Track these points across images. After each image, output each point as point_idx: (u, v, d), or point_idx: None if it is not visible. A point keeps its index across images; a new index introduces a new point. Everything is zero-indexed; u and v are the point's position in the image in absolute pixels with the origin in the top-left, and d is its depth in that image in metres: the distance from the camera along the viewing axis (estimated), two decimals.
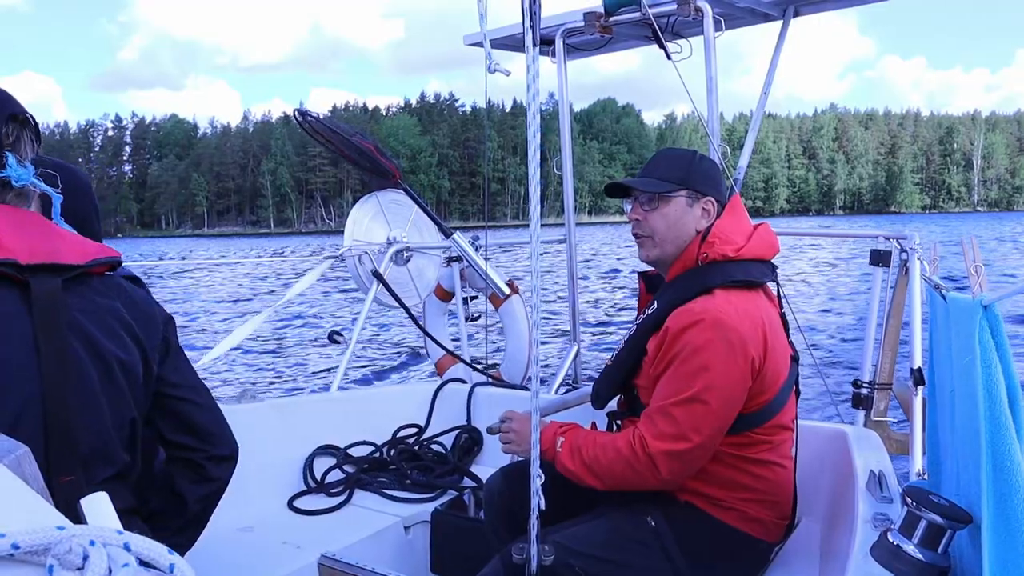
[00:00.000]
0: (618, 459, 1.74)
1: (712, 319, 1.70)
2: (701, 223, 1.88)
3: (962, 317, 1.13)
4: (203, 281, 24.90)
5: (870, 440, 2.19)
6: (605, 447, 1.77)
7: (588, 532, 1.81)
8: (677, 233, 1.88)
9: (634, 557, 1.77)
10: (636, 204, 1.92)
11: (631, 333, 1.91)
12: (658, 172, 1.90)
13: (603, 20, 3.11)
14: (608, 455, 1.76)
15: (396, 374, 9.20)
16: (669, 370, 1.73)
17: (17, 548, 0.59)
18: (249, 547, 2.26)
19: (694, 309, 1.74)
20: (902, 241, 2.77)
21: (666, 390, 1.72)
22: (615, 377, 1.93)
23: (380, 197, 3.91)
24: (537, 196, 1.41)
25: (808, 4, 3.17)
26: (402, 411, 3.05)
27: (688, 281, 1.83)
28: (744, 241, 1.85)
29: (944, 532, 1.13)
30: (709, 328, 1.70)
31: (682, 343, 1.71)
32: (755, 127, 3.49)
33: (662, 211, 1.87)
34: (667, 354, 1.74)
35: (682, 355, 1.71)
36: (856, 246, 21.74)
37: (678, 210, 1.87)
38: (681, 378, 1.70)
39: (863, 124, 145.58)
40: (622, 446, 1.74)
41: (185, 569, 0.63)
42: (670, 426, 1.69)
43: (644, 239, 1.92)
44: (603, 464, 1.76)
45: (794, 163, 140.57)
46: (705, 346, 1.69)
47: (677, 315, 1.76)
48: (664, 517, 1.80)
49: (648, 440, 1.70)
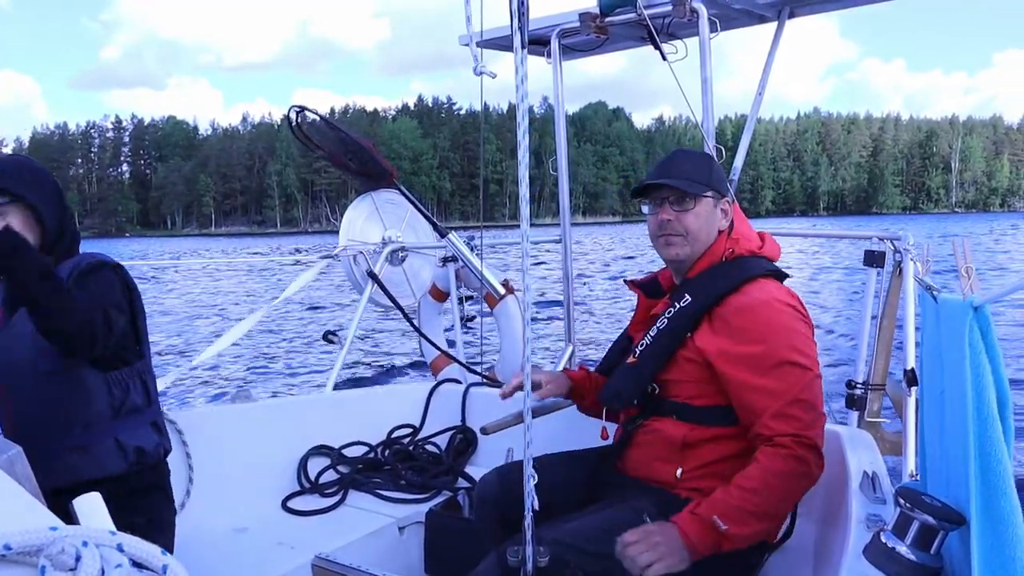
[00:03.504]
0: (784, 480, 1.65)
1: (784, 302, 1.79)
2: (722, 223, 1.94)
3: (952, 318, 1.13)
4: (202, 281, 24.84)
5: (863, 441, 2.20)
6: (765, 482, 1.64)
7: (583, 527, 1.78)
8: (707, 232, 1.92)
9: None
10: (666, 205, 1.91)
11: (660, 329, 1.88)
12: (684, 173, 1.91)
13: (599, 21, 3.11)
14: (772, 486, 1.64)
15: (391, 374, 9.19)
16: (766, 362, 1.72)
17: (9, 549, 0.59)
18: (243, 548, 2.26)
19: (754, 294, 1.80)
20: (896, 242, 2.77)
21: (783, 384, 1.71)
22: (643, 373, 1.89)
23: (375, 197, 3.90)
24: (527, 196, 1.41)
25: (803, 5, 3.18)
26: (397, 411, 3.05)
27: (725, 271, 1.87)
28: (760, 242, 1.95)
29: (937, 533, 1.13)
30: (785, 310, 1.78)
31: (766, 327, 1.74)
32: (749, 128, 3.49)
33: (695, 211, 1.90)
34: (746, 343, 1.74)
35: (773, 342, 1.73)
36: (844, 247, 21.80)
37: (707, 210, 1.91)
38: (787, 364, 1.72)
39: (846, 128, 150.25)
40: (781, 466, 1.65)
41: (178, 570, 0.63)
42: (808, 412, 1.71)
43: (675, 238, 1.91)
44: (774, 500, 1.65)
45: (779, 165, 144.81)
46: (789, 328, 1.75)
47: (744, 303, 1.78)
48: (660, 513, 1.77)
49: (803, 435, 1.68)
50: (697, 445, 1.82)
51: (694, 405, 1.84)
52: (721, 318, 1.80)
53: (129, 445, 1.90)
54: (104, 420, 1.84)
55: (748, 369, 1.73)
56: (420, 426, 3.02)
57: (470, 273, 3.88)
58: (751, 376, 1.73)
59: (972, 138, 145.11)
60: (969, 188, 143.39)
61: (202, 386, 8.49)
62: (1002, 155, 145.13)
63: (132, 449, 1.91)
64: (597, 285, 19.29)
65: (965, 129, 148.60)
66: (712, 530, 1.59)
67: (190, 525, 2.13)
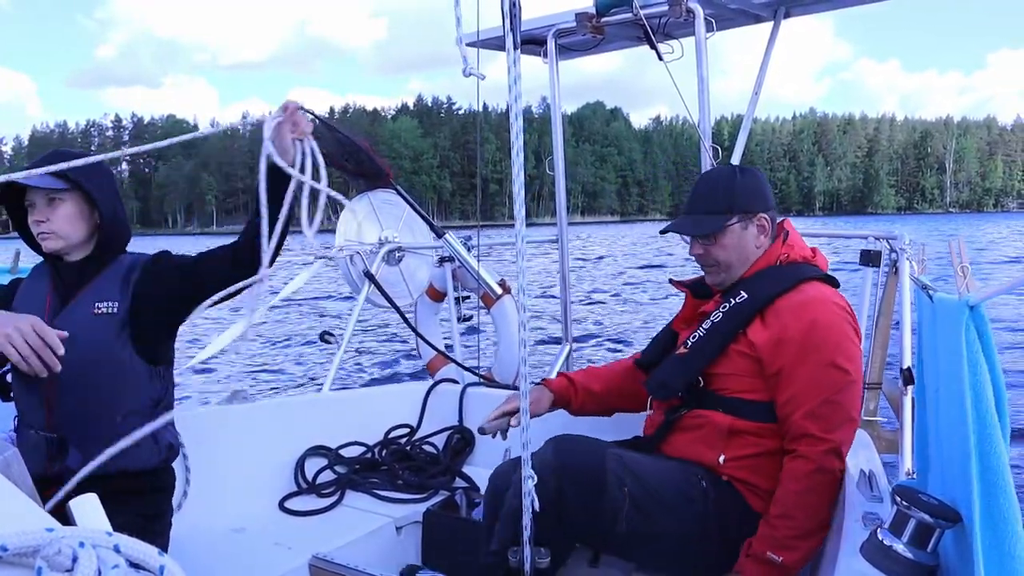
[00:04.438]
0: (815, 496, 1.70)
1: (836, 305, 1.82)
2: (760, 239, 1.95)
3: (948, 317, 1.13)
4: None
5: (860, 439, 2.19)
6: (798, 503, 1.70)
7: (649, 465, 1.85)
8: (741, 256, 1.94)
9: (678, 504, 1.81)
10: (695, 240, 1.97)
11: (715, 322, 1.90)
12: (703, 205, 1.95)
13: (595, 21, 3.12)
14: (807, 505, 1.69)
15: (387, 374, 9.18)
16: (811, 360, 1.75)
17: (6, 550, 0.58)
18: (240, 548, 2.26)
19: (811, 293, 1.83)
20: (892, 241, 2.77)
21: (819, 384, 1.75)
22: (693, 367, 1.91)
23: (372, 197, 3.90)
24: (522, 196, 1.42)
25: (799, 5, 3.18)
26: (394, 411, 3.04)
27: (781, 273, 1.90)
28: (812, 254, 1.98)
29: (933, 531, 1.14)
30: (836, 313, 1.81)
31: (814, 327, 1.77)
32: (746, 128, 3.50)
33: (721, 243, 1.93)
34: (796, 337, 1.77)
35: (819, 342, 1.76)
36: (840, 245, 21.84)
37: (735, 237, 1.93)
38: (829, 366, 1.75)
39: (842, 129, 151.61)
40: (808, 482, 1.70)
41: (175, 570, 0.63)
42: (838, 414, 1.74)
43: (710, 268, 1.98)
44: (813, 516, 1.70)
45: (775, 165, 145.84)
46: (838, 332, 1.79)
47: (798, 302, 1.81)
48: (713, 485, 1.85)
49: (829, 438, 1.72)
50: (741, 435, 1.85)
51: (740, 399, 1.86)
52: (775, 313, 1.83)
53: (163, 440, 1.93)
54: (144, 412, 1.85)
55: (794, 361, 1.77)
56: (417, 426, 3.02)
57: (467, 273, 3.87)
58: (795, 367, 1.77)
59: (966, 139, 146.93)
60: (963, 188, 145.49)
61: (199, 386, 8.47)
62: (996, 156, 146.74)
63: (165, 445, 1.94)
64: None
65: (959, 130, 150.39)
66: (770, 565, 1.69)
67: (187, 525, 2.13)
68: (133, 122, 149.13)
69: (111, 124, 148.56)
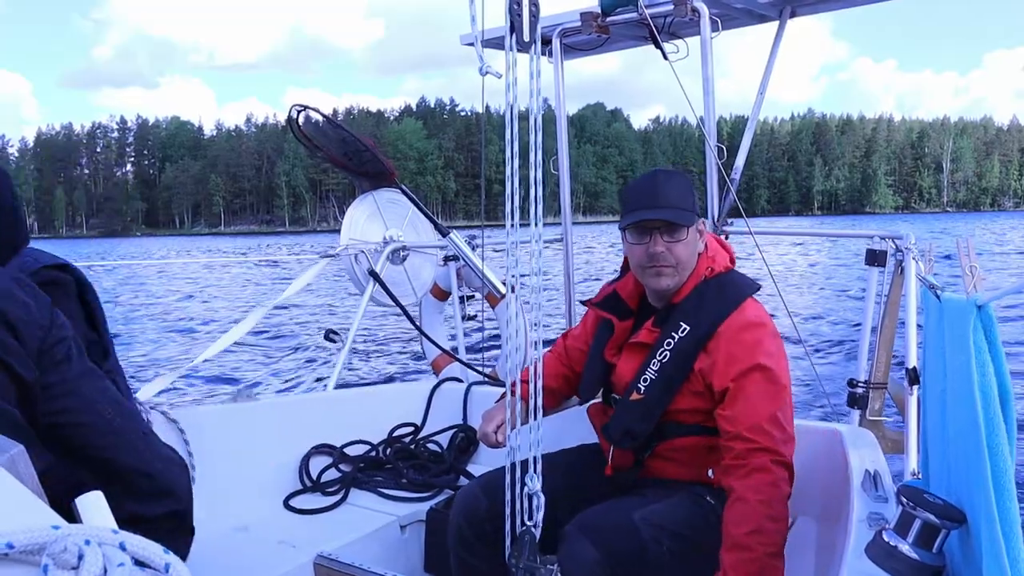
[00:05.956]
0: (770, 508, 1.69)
1: (771, 324, 1.85)
2: (700, 245, 1.93)
3: (956, 317, 1.13)
4: (200, 281, 24.84)
5: (865, 439, 2.19)
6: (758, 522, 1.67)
7: (668, 510, 1.84)
8: (693, 259, 1.91)
9: (701, 529, 1.83)
10: (656, 235, 1.85)
11: (663, 363, 1.86)
12: (674, 200, 1.84)
13: (600, 20, 3.11)
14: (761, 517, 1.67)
15: (392, 373, 9.18)
16: (753, 377, 1.77)
17: (12, 547, 0.59)
18: (245, 546, 2.26)
19: (751, 317, 1.84)
20: (897, 241, 2.76)
21: (764, 399, 1.76)
22: (654, 412, 1.87)
23: (376, 196, 3.90)
24: (515, 196, 1.42)
25: (805, 4, 3.17)
26: (398, 410, 3.04)
27: (713, 294, 1.87)
28: (726, 252, 1.98)
29: (939, 532, 1.13)
30: (773, 333, 1.84)
31: (757, 347, 1.79)
32: (751, 128, 3.49)
33: (685, 241, 1.87)
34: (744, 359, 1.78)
35: (762, 360, 1.78)
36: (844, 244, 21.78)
37: (693, 237, 1.90)
38: (771, 382, 1.77)
39: (840, 129, 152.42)
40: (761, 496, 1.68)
41: (180, 568, 0.63)
42: (781, 430, 1.75)
43: (667, 268, 1.87)
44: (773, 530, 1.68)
45: (774, 165, 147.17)
46: (777, 350, 1.82)
47: (738, 325, 1.82)
48: (715, 496, 1.87)
49: (780, 451, 1.73)
50: (717, 449, 1.85)
51: (706, 425, 1.87)
52: (716, 340, 1.83)
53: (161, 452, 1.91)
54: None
55: (738, 379, 1.78)
56: (422, 425, 3.02)
57: (471, 272, 3.87)
58: (741, 386, 1.77)
59: (963, 139, 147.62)
60: (960, 188, 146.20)
61: (204, 385, 8.49)
62: (992, 155, 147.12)
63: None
64: None
65: (956, 130, 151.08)
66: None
67: None
68: (137, 123, 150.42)
69: (116, 126, 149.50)
